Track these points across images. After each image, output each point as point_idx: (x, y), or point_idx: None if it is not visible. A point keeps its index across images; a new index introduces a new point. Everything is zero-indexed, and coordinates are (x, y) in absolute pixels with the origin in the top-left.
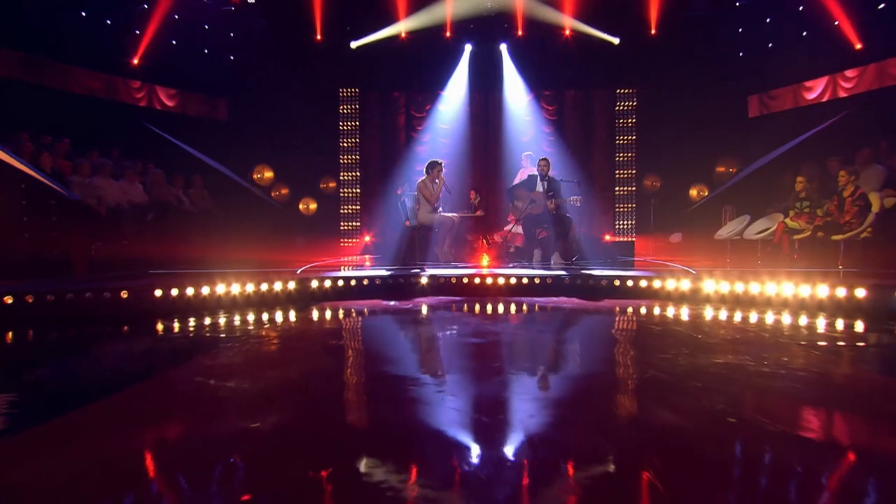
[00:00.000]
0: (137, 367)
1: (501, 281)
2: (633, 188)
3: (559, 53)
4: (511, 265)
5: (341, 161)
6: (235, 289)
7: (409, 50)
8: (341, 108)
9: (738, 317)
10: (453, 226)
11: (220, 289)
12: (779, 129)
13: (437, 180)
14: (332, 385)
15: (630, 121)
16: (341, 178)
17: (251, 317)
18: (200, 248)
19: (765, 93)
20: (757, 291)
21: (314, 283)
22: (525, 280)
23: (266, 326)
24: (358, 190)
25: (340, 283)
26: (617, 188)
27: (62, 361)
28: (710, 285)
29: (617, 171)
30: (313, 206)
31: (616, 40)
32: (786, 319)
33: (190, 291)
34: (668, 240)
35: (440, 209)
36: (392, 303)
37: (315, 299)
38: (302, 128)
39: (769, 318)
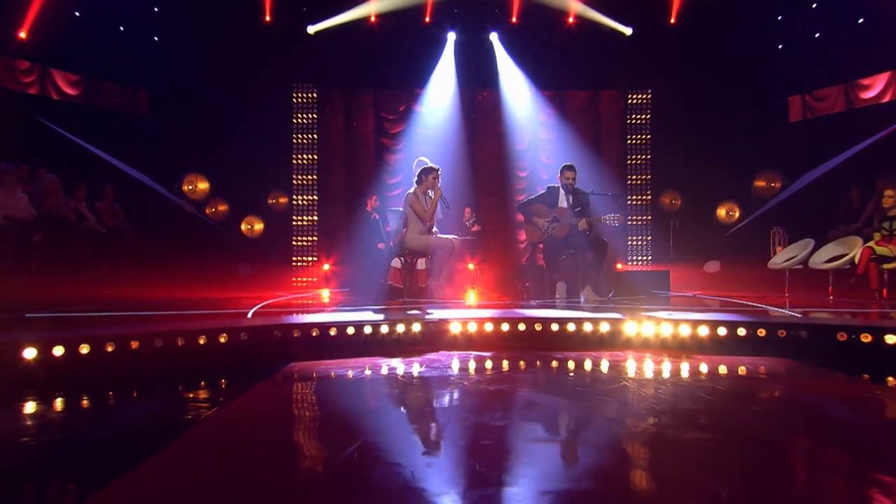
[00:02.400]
0: None
1: (539, 328)
2: (648, 210)
3: (560, 46)
4: (532, 303)
5: (295, 172)
6: (160, 342)
7: (379, 37)
8: (296, 107)
9: None
10: (453, 252)
11: (132, 343)
12: (827, 135)
13: (430, 191)
14: None
15: (643, 129)
16: (295, 192)
17: (185, 394)
18: (108, 281)
19: (809, 93)
20: None
21: (278, 333)
22: (571, 327)
23: (206, 411)
24: (315, 208)
25: (315, 332)
26: (630, 214)
27: None
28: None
29: (629, 188)
30: (259, 226)
31: (628, 30)
32: None
33: (85, 350)
34: (702, 269)
35: (436, 230)
36: (396, 365)
37: (281, 358)
38: (246, 130)
39: None
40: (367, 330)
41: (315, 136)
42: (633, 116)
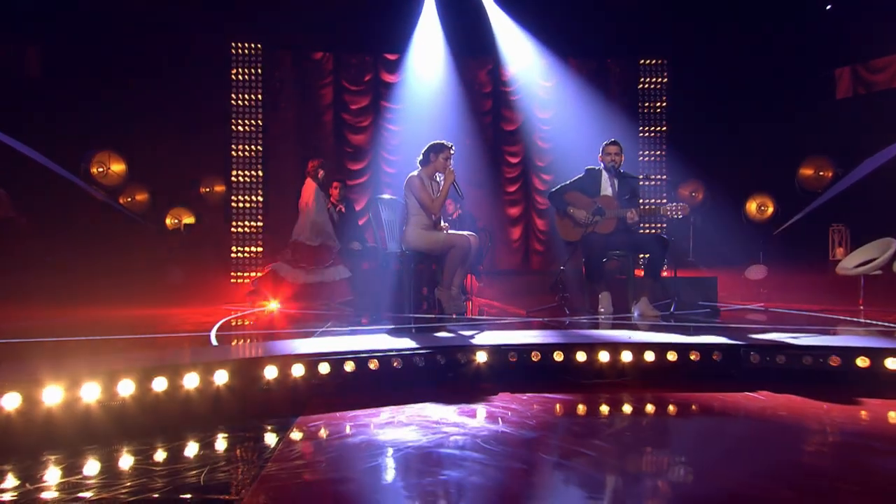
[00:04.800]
0: None
1: (629, 357)
2: (664, 202)
3: (560, 4)
4: (567, 320)
5: (234, 153)
6: (90, 393)
7: None
8: (235, 72)
9: None
10: (469, 253)
11: (52, 396)
12: (885, 114)
13: (437, 175)
14: None
15: (658, 103)
16: (234, 178)
17: (129, 468)
18: None
19: (862, 63)
20: None
21: (269, 372)
22: (672, 356)
23: None
24: (260, 198)
25: (326, 367)
26: (641, 201)
27: None
28: None
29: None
30: (188, 220)
31: None
32: None
33: None
34: (743, 275)
35: (445, 224)
36: (458, 421)
37: (278, 409)
38: (172, 100)
39: None
40: (397, 363)
41: (259, 107)
42: (647, 88)
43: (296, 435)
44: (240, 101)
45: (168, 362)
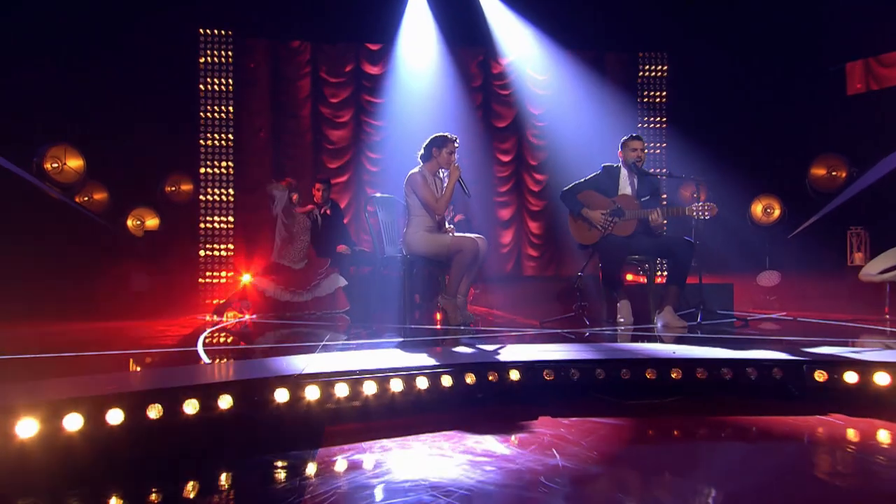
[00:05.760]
0: None
1: (678, 375)
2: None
3: None
4: (587, 331)
5: (203, 147)
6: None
7: None
8: (204, 60)
9: None
10: (477, 257)
11: (27, 429)
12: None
13: (442, 171)
14: None
15: (658, 95)
16: (202, 175)
17: None
18: None
19: (875, 57)
20: None
21: (280, 396)
22: (727, 373)
23: None
24: (231, 196)
25: (345, 388)
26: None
27: None
28: None
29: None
30: (152, 221)
31: None
32: None
33: None
34: (754, 281)
35: (450, 226)
36: (498, 444)
37: (296, 435)
38: (134, 89)
39: None
40: (422, 383)
41: (230, 99)
42: (646, 82)
43: (321, 476)
44: (209, 87)
45: (157, 385)
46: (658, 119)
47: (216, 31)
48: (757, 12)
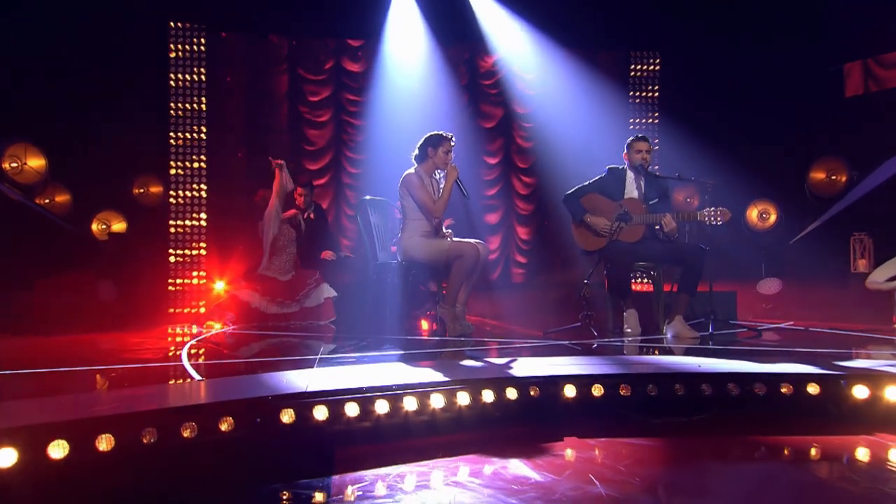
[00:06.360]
0: None
1: (708, 391)
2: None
3: None
4: (595, 342)
5: (173, 147)
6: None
7: None
8: (174, 55)
9: None
10: (477, 263)
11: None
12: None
13: (437, 172)
14: None
15: (650, 93)
16: (173, 177)
17: None
18: None
19: (874, 58)
20: None
21: (285, 416)
22: (760, 389)
23: None
24: (203, 198)
25: (354, 409)
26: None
27: None
28: None
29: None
30: (119, 225)
31: None
32: None
33: None
34: (754, 289)
35: (449, 231)
36: (527, 469)
37: (304, 460)
38: (100, 85)
39: None
40: (438, 401)
41: (202, 96)
42: (637, 81)
43: None
44: (179, 83)
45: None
46: (650, 116)
47: (187, 25)
48: (755, 12)
